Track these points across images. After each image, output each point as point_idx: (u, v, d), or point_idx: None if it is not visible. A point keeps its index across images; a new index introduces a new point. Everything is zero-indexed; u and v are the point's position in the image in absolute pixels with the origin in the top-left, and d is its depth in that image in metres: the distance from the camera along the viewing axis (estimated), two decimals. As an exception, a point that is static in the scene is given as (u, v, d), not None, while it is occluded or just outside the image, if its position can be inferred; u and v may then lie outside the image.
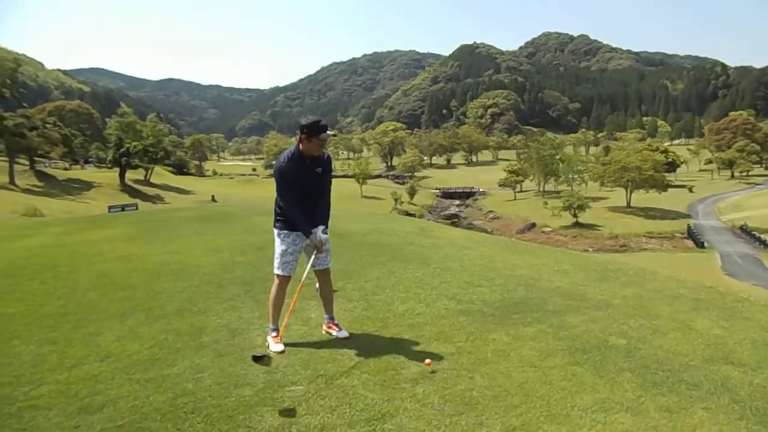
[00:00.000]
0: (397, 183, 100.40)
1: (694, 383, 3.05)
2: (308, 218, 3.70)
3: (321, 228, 3.73)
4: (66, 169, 73.44)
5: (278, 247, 3.82)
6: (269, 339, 3.77)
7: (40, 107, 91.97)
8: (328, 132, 3.59)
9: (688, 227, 47.63)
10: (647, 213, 56.44)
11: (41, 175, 61.42)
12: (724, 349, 3.61)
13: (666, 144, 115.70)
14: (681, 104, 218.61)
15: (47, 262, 7.44)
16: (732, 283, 28.28)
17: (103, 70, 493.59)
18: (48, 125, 63.86)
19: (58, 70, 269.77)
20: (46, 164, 68.36)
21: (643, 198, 62.44)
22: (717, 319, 4.30)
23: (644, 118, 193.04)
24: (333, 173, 4.00)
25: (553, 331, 3.95)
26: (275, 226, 3.86)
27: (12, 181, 53.92)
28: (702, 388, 2.99)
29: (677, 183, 77.71)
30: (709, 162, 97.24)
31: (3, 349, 3.88)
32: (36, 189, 55.03)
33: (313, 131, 3.55)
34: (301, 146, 3.64)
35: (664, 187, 61.45)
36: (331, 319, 4.05)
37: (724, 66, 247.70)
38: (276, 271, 3.83)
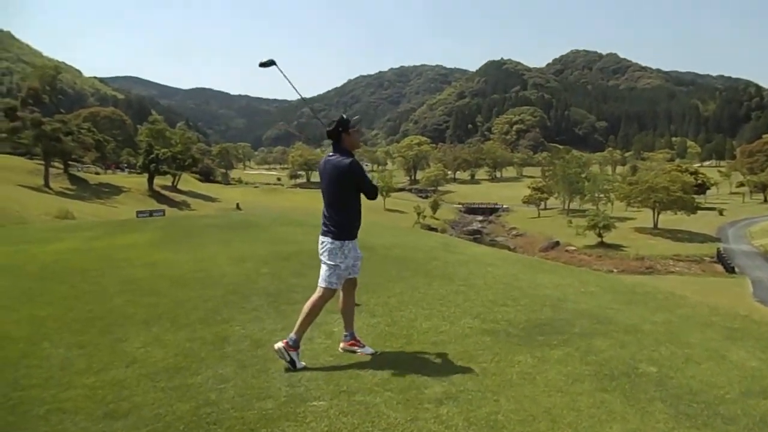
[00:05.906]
0: (421, 197, 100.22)
1: (731, 417, 2.92)
2: None
3: None
4: (97, 173, 75.32)
5: (344, 261, 3.69)
6: (293, 354, 3.58)
7: (76, 113, 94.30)
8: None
9: (718, 251, 46.31)
10: (675, 235, 55.09)
11: (74, 179, 63.11)
12: (762, 382, 3.46)
13: (696, 165, 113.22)
14: (712, 125, 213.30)
15: (76, 266, 7.62)
16: (764, 311, 27.30)
17: (137, 78, 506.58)
18: (83, 130, 65.67)
19: (95, 77, 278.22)
20: (79, 168, 70.31)
21: (670, 219, 61.00)
22: (753, 349, 4.13)
23: (673, 138, 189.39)
24: None
25: (580, 355, 3.85)
26: (339, 237, 3.69)
27: (47, 184, 55.58)
28: (739, 423, 2.86)
29: (707, 205, 75.68)
30: (741, 185, 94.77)
31: (34, 351, 3.96)
32: (69, 192, 56.52)
33: (348, 124, 3.70)
34: (348, 146, 3.73)
35: (693, 209, 59.88)
36: (352, 336, 3.90)
37: (758, 87, 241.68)
38: (327, 285, 3.68)
